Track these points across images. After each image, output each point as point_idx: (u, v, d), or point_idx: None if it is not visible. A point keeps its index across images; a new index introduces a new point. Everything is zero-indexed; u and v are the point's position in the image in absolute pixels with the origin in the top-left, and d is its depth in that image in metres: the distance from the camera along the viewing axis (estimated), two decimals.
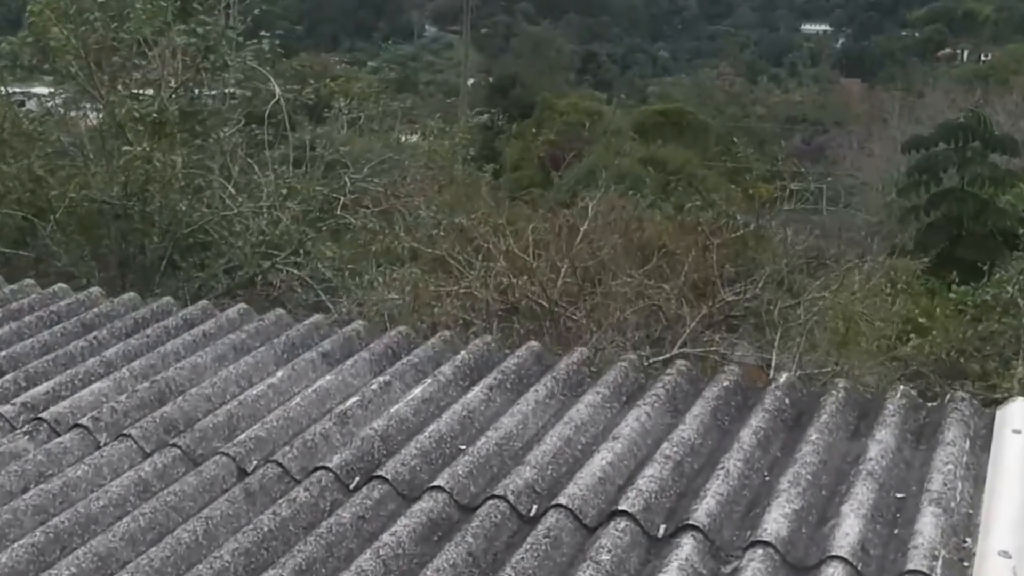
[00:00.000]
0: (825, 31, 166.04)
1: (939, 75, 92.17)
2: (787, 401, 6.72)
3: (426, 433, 6.43)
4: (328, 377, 7.26)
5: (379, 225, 19.15)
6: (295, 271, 19.19)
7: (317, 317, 8.37)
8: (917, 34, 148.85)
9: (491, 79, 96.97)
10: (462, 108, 62.78)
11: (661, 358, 15.46)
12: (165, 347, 7.95)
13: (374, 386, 7.09)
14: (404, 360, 7.51)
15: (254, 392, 7.10)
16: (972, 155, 41.64)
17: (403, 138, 30.61)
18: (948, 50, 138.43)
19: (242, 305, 8.66)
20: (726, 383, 6.96)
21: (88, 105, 21.50)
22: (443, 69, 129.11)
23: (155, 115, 17.75)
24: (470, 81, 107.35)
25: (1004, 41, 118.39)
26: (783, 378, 6.95)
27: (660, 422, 6.55)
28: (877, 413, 6.47)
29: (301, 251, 18.43)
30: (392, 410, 6.74)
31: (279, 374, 7.33)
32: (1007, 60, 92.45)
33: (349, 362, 7.49)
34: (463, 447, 6.37)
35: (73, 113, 22.17)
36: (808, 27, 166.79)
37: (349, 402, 6.88)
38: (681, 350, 15.91)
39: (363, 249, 19.05)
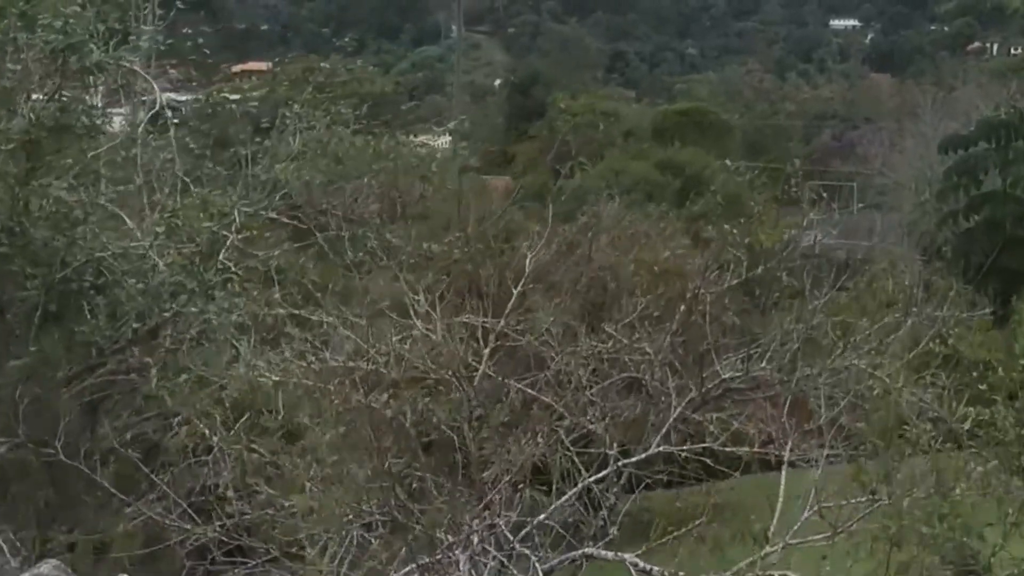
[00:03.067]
0: (854, 26, 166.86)
1: (969, 69, 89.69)
2: None
3: None
4: None
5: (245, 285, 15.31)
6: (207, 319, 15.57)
7: None
8: (946, 28, 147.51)
9: (512, 79, 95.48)
10: (455, 113, 59.93)
11: (633, 459, 11.74)
12: None
13: None
14: None
15: None
16: (1015, 155, 38.95)
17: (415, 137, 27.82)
18: (978, 44, 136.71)
19: None
20: None
21: None
22: (470, 70, 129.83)
23: None
24: (496, 81, 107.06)
25: None
26: None
27: None
28: None
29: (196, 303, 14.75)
30: None
31: None
32: None
33: None
34: None
35: None
36: (837, 22, 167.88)
37: None
38: (662, 448, 12.14)
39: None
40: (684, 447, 12.72)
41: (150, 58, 19.76)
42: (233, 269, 15.15)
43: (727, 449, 12.98)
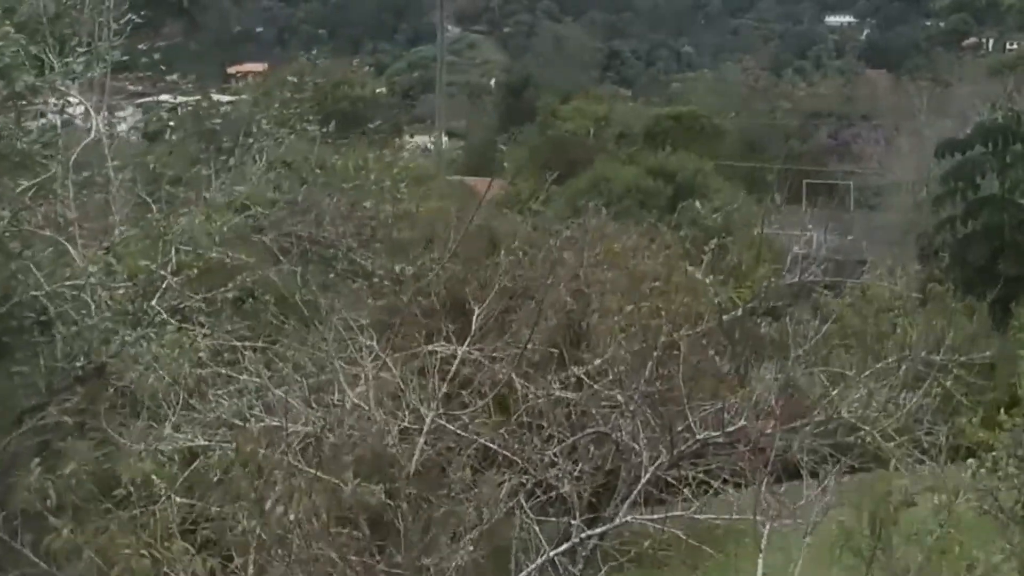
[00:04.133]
0: (850, 23, 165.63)
1: (965, 64, 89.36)
2: None
3: None
4: None
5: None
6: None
7: None
8: (942, 24, 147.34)
9: (504, 80, 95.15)
10: (439, 116, 59.16)
11: (599, 530, 10.63)
12: None
13: None
14: None
15: None
16: (1012, 159, 38.05)
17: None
18: (973, 39, 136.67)
19: None
20: None
21: None
22: (466, 70, 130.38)
23: None
24: (492, 81, 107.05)
25: None
26: None
27: None
28: None
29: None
30: None
31: None
32: None
33: None
34: None
35: None
36: (832, 19, 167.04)
37: None
38: (630, 517, 11.05)
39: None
40: (654, 517, 11.58)
41: (106, 74, 18.63)
42: (164, 316, 13.97)
43: (701, 516, 11.90)
